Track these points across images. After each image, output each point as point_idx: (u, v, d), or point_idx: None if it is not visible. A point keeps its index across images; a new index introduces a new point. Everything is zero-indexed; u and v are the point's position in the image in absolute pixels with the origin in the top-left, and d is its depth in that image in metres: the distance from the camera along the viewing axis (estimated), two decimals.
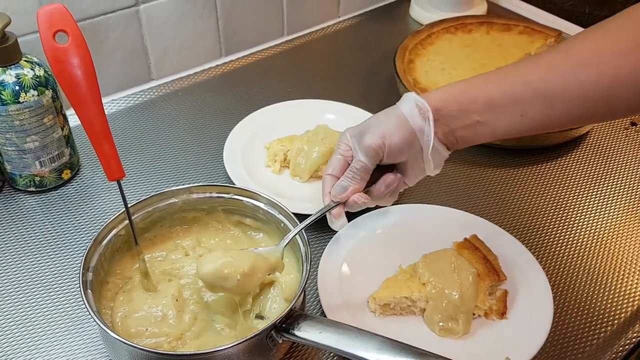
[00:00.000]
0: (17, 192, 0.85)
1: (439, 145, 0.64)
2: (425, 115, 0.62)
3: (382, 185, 0.67)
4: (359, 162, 0.65)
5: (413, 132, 0.63)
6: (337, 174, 0.67)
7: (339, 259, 0.74)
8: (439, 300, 0.67)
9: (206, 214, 0.73)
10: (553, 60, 0.59)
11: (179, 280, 0.68)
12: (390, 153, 0.64)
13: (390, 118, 0.65)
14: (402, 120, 0.63)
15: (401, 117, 0.64)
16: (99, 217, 0.82)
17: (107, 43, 0.98)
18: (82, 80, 0.57)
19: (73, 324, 0.69)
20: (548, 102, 0.59)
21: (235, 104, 1.04)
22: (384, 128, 0.64)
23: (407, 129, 0.63)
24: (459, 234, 0.75)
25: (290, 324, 0.58)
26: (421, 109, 0.63)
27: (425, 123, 0.63)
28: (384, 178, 0.67)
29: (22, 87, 0.75)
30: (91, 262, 0.63)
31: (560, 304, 0.72)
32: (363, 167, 0.65)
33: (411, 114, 0.63)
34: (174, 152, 0.93)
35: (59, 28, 0.55)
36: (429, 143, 0.63)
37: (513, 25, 1.15)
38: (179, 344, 0.62)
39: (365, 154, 0.64)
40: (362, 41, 1.23)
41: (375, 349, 0.54)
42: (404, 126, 0.63)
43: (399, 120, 0.64)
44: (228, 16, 1.10)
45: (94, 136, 0.59)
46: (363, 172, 0.65)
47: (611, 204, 0.87)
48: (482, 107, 0.61)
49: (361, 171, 0.65)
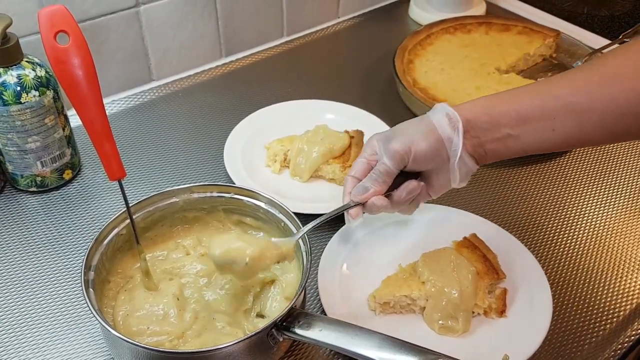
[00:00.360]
0: (19, 192, 0.85)
1: (466, 157, 0.64)
2: (455, 125, 0.62)
3: (404, 191, 0.66)
4: (383, 165, 0.65)
5: (441, 141, 0.63)
6: (360, 177, 0.67)
7: (339, 258, 0.75)
8: (439, 298, 0.67)
9: (207, 213, 0.73)
10: (584, 76, 0.59)
11: (180, 279, 0.68)
12: (416, 159, 0.64)
13: (419, 126, 0.65)
14: (431, 128, 0.63)
15: (430, 125, 0.64)
16: (100, 217, 0.82)
17: (107, 44, 0.99)
18: (83, 80, 0.57)
19: (75, 323, 0.69)
20: (579, 117, 0.59)
21: (235, 104, 1.04)
22: (411, 134, 0.64)
23: (435, 137, 0.63)
24: (459, 233, 0.75)
25: (291, 322, 0.58)
26: (451, 118, 0.63)
27: (454, 133, 0.63)
28: (407, 184, 0.66)
29: (24, 88, 0.75)
30: (93, 261, 0.63)
31: (559, 302, 0.73)
32: (386, 170, 0.65)
33: (440, 123, 0.63)
34: (175, 152, 0.94)
35: (60, 29, 0.56)
36: (456, 152, 0.63)
37: (512, 26, 1.15)
38: (180, 343, 0.62)
39: (390, 157, 0.64)
40: (361, 42, 1.23)
41: (376, 347, 0.54)
42: (433, 134, 0.63)
43: (427, 128, 0.64)
44: (228, 17, 1.10)
45: (95, 136, 0.59)
46: (386, 175, 0.65)
47: (610, 203, 0.87)
48: (513, 120, 0.61)
49: (384, 174, 0.65)
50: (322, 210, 0.81)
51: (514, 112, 0.61)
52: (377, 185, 0.65)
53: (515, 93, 0.63)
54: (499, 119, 0.62)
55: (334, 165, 0.86)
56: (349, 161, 0.85)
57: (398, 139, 0.64)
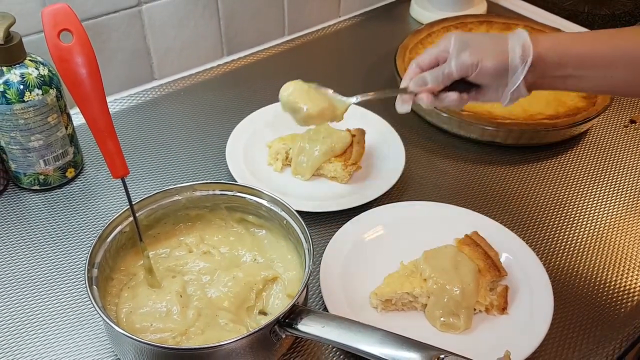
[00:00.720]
0: (22, 190, 0.86)
1: (522, 86, 0.67)
2: (526, 58, 0.65)
3: (446, 99, 0.70)
4: (448, 68, 0.68)
5: (507, 66, 0.66)
6: (424, 67, 0.71)
7: (341, 256, 0.75)
8: (440, 295, 0.68)
9: (209, 211, 0.74)
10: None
11: (183, 276, 0.69)
12: (479, 74, 0.67)
13: (494, 44, 0.68)
14: (504, 52, 0.67)
15: (504, 48, 0.67)
16: (103, 215, 0.83)
17: (110, 43, 0.99)
18: (87, 78, 0.57)
19: (78, 320, 0.70)
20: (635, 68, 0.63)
21: (237, 103, 1.04)
22: (484, 51, 0.67)
23: (503, 60, 0.66)
24: (460, 231, 0.76)
25: (293, 319, 0.58)
26: (525, 50, 0.66)
27: (521, 65, 0.66)
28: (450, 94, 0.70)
29: (27, 86, 0.76)
30: (96, 258, 0.63)
31: (560, 299, 0.73)
32: (449, 75, 0.68)
33: (514, 51, 0.66)
34: (177, 150, 0.94)
35: (64, 27, 0.56)
36: (515, 83, 0.67)
37: (513, 25, 1.15)
38: (183, 339, 0.62)
39: (457, 66, 0.68)
40: (362, 41, 1.24)
41: (377, 343, 0.55)
42: (502, 57, 0.66)
43: (500, 49, 0.67)
44: (229, 16, 1.11)
45: (98, 134, 0.59)
46: (447, 78, 0.69)
47: (611, 201, 0.87)
48: (580, 63, 0.65)
49: (446, 77, 0.69)
50: (324, 208, 0.81)
51: (584, 55, 0.65)
52: (435, 83, 0.69)
53: (591, 37, 0.67)
54: (567, 60, 0.66)
55: (335, 164, 0.86)
56: (351, 159, 0.86)
57: (471, 50, 0.67)
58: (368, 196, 0.83)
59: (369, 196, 0.83)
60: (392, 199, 0.85)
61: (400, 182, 0.86)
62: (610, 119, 1.03)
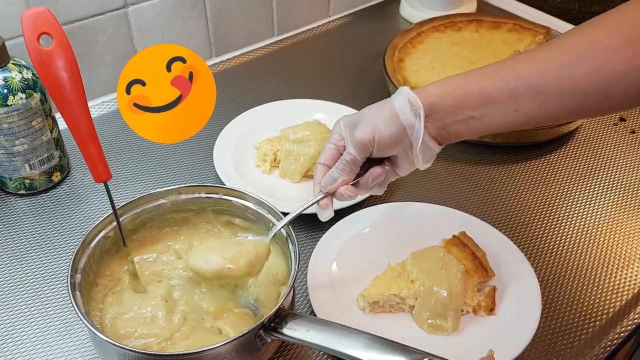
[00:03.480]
0: (7, 195, 0.85)
1: (429, 140, 0.64)
2: (417, 111, 0.62)
3: (370, 177, 0.67)
4: (349, 155, 0.65)
5: (403, 128, 0.63)
6: (329, 163, 0.68)
7: (328, 257, 0.75)
8: (428, 297, 0.67)
9: (195, 214, 0.73)
10: (547, 56, 0.59)
11: (170, 281, 0.68)
12: (379, 148, 0.64)
13: (382, 112, 0.65)
14: (394, 116, 0.63)
15: (393, 112, 0.64)
16: (89, 219, 0.82)
17: (96, 45, 0.98)
18: (67, 82, 0.57)
19: (63, 326, 0.69)
20: (542, 97, 0.59)
21: (225, 104, 1.04)
22: (375, 122, 0.64)
23: (397, 124, 0.63)
24: (448, 231, 0.75)
25: (278, 323, 0.58)
26: (413, 105, 0.62)
27: (416, 119, 0.63)
28: (372, 171, 0.67)
29: (10, 90, 0.75)
30: (79, 263, 0.63)
31: (549, 299, 0.73)
32: (352, 160, 0.65)
33: (402, 110, 0.63)
34: (165, 153, 0.93)
35: (43, 31, 0.55)
36: (418, 139, 0.63)
37: (502, 23, 1.15)
38: (168, 345, 0.62)
39: (354, 147, 0.65)
40: (352, 40, 1.23)
41: (363, 347, 0.54)
42: (395, 122, 0.63)
43: (390, 116, 0.64)
44: (218, 16, 1.10)
45: (79, 138, 0.59)
46: (352, 164, 0.66)
47: (600, 200, 0.87)
48: (476, 102, 0.61)
49: (350, 164, 0.66)
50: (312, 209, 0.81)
51: (478, 93, 0.61)
52: (345, 175, 0.66)
53: (482, 72, 0.63)
54: (463, 101, 0.62)
55: None
56: None
57: (362, 126, 0.64)
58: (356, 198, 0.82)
59: (357, 198, 0.82)
60: (380, 200, 0.84)
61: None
62: (603, 116, 1.02)
